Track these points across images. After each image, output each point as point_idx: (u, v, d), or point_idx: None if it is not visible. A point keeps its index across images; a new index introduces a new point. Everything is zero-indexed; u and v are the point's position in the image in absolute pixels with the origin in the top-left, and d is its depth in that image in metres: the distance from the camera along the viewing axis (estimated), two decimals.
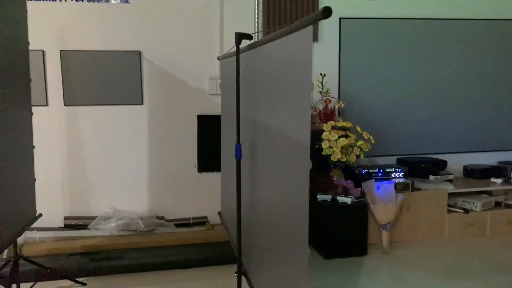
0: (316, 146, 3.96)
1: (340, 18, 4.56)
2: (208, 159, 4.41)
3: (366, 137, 4.02)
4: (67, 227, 4.17)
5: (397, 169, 4.40)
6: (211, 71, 4.34)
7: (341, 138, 3.83)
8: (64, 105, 4.16)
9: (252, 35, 3.67)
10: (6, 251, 3.71)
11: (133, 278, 3.53)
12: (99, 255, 3.73)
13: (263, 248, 1.99)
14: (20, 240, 3.92)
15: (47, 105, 4.14)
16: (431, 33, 4.76)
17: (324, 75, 4.37)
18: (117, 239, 3.97)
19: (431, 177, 4.53)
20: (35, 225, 4.04)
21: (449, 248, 4.11)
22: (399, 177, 4.38)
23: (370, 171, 4.35)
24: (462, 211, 4.40)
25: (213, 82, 4.34)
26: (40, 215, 3.43)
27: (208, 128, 4.36)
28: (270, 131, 1.79)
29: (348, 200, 3.90)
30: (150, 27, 4.21)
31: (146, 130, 4.32)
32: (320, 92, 4.35)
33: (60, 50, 4.09)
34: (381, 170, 4.37)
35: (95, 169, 4.28)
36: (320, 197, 3.99)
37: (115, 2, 4.11)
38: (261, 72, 1.93)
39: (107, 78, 4.19)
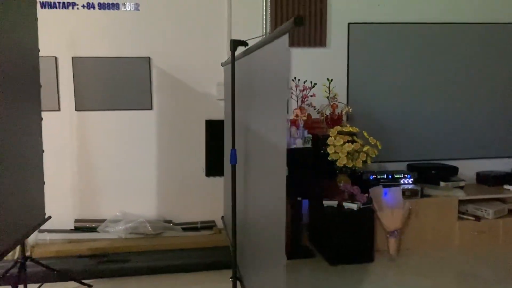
0: (322, 151, 3.94)
1: (349, 23, 4.54)
2: (216, 163, 4.45)
3: (372, 143, 3.98)
4: (77, 229, 4.25)
5: (406, 175, 4.34)
6: (219, 76, 4.38)
7: (347, 143, 3.81)
8: (76, 110, 4.26)
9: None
10: (17, 252, 3.81)
11: (138, 280, 3.58)
12: (106, 258, 3.79)
13: (254, 253, 2.00)
14: (31, 241, 4.03)
15: (59, 110, 4.25)
16: (441, 37, 4.69)
17: (331, 80, 4.35)
18: (124, 242, 4.03)
19: (442, 184, 4.45)
20: (46, 227, 4.14)
21: (459, 256, 4.03)
22: (408, 183, 4.32)
23: (378, 177, 4.31)
24: (474, 218, 4.30)
25: (221, 87, 4.38)
26: (49, 217, 3.51)
27: (216, 133, 4.40)
28: (257, 137, 1.80)
29: (354, 206, 3.87)
30: (159, 33, 4.28)
31: (155, 135, 4.39)
32: (327, 97, 4.34)
33: (72, 57, 4.20)
34: (390, 176, 4.32)
35: (105, 173, 4.36)
36: (326, 203, 3.96)
37: (126, 9, 4.20)
38: (250, 78, 1.95)
39: (117, 84, 4.27)
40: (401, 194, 4.02)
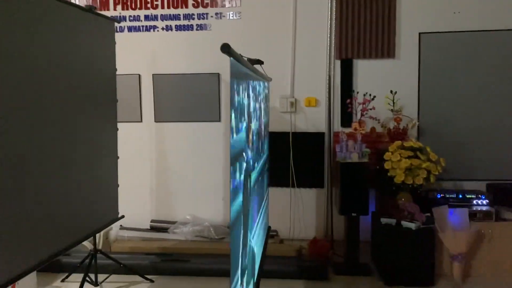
0: (377, 167, 3.83)
1: (420, 33, 4.33)
2: (279, 174, 4.56)
3: (434, 159, 3.74)
4: (152, 229, 4.70)
5: (480, 195, 3.98)
6: (282, 90, 4.52)
7: (404, 159, 3.65)
8: (155, 121, 4.74)
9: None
10: (101, 244, 4.33)
11: (194, 280, 3.85)
12: (170, 257, 4.13)
13: None
14: (113, 236, 4.57)
15: (141, 121, 4.76)
16: None
17: (395, 92, 4.19)
18: (189, 244, 4.36)
19: None
20: (127, 225, 4.67)
21: None
22: (482, 204, 3.95)
23: (447, 196, 4.02)
24: None
25: (284, 101, 4.50)
26: (122, 216, 3.96)
27: (278, 145, 4.52)
28: None
29: (412, 225, 3.68)
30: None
31: (222, 145, 4.67)
32: (392, 110, 4.19)
33: (153, 74, 4.68)
34: (460, 196, 4.00)
35: (179, 178, 4.74)
36: (384, 220, 3.82)
37: (199, 30, 4.56)
38: None
39: (190, 98, 4.65)
40: (468, 216, 3.70)
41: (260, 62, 2.31)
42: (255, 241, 2.55)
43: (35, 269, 2.71)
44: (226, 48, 1.31)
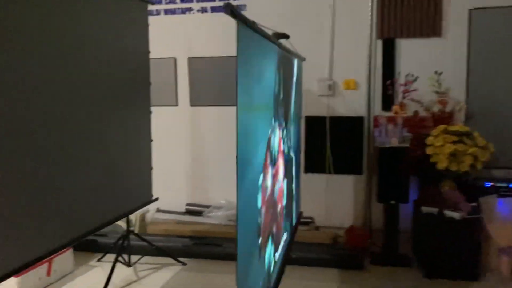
0: (419, 152, 3.59)
1: (470, 9, 4.00)
2: (315, 159, 4.42)
3: (481, 144, 3.45)
4: (187, 212, 4.70)
5: None
6: (319, 73, 4.33)
7: (447, 144, 3.39)
8: (190, 105, 4.71)
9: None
10: (137, 227, 4.39)
11: (225, 264, 3.79)
12: (203, 240, 4.11)
13: None
14: (149, 219, 4.62)
15: (177, 105, 4.75)
16: None
17: (441, 73, 3.91)
18: (222, 228, 4.32)
19: None
20: (164, 208, 4.70)
21: None
22: None
23: (497, 184, 3.73)
24: None
25: (322, 83, 4.32)
26: (156, 199, 3.96)
27: (315, 129, 4.37)
28: None
29: (456, 215, 3.43)
30: None
31: None
32: (436, 92, 3.91)
33: (188, 57, 4.64)
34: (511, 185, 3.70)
35: (215, 162, 4.70)
36: (425, 209, 3.59)
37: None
38: None
39: (226, 81, 4.56)
40: None
41: (286, 36, 2.18)
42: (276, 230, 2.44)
43: (70, 244, 2.77)
44: (229, 8, 1.19)
